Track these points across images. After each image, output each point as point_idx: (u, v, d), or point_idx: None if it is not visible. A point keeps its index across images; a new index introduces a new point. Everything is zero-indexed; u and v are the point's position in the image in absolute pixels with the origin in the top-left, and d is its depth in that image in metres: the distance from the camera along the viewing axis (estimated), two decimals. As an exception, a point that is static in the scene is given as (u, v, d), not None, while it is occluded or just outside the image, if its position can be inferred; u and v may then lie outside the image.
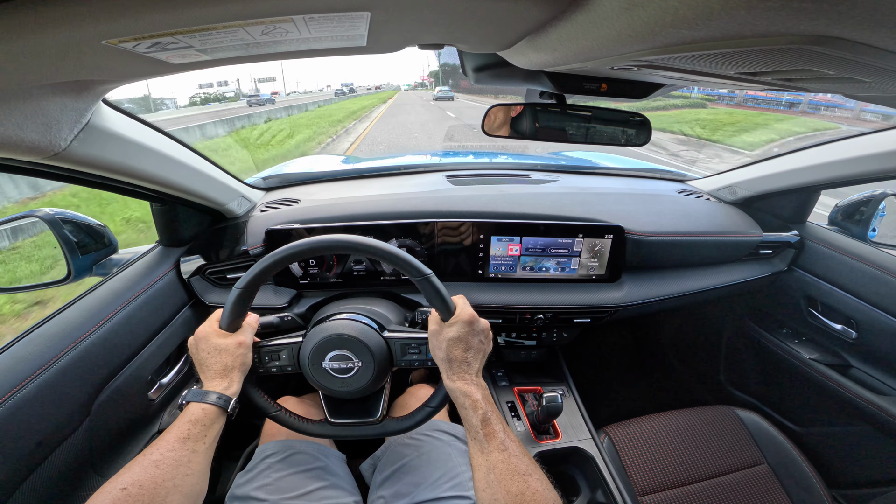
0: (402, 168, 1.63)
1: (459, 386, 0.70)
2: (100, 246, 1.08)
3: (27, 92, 0.52)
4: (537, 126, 0.93)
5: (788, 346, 1.42)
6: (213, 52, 0.49)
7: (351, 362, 0.79)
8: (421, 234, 1.15)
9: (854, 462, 1.31)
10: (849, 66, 0.35)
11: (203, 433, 0.64)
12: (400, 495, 0.85)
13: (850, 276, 1.25)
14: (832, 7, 0.24)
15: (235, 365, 0.73)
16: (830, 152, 1.18)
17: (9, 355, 0.74)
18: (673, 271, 1.30)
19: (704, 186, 1.55)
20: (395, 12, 0.44)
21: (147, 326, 1.00)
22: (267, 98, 44.64)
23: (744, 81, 0.57)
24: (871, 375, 1.23)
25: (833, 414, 1.35)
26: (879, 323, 1.17)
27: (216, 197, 1.12)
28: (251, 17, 0.40)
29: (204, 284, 1.16)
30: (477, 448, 0.66)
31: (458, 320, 0.73)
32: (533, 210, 1.22)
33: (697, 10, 0.28)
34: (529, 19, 0.46)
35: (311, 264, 1.14)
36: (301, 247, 0.75)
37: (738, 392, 1.69)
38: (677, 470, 1.10)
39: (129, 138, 0.77)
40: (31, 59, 0.43)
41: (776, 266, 1.39)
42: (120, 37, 0.40)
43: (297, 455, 0.90)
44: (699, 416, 1.23)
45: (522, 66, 0.67)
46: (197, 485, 0.61)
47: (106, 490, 0.54)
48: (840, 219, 1.37)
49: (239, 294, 0.74)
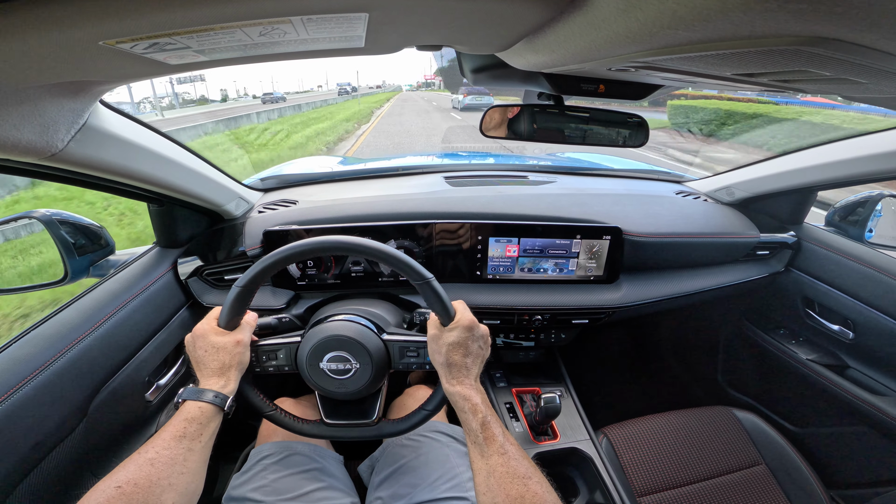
0: (400, 169, 1.62)
1: (459, 390, 0.70)
2: (97, 247, 1.08)
3: (24, 92, 0.52)
4: (535, 127, 0.94)
5: (786, 346, 1.42)
6: (211, 52, 0.49)
7: (349, 363, 0.79)
8: (419, 236, 1.15)
9: (852, 462, 1.31)
10: (845, 67, 0.35)
11: (199, 431, 0.64)
12: (398, 496, 0.84)
13: (847, 276, 1.25)
14: (828, 8, 0.24)
15: (233, 363, 0.73)
16: (827, 153, 1.18)
17: (5, 356, 0.74)
18: (671, 272, 1.31)
19: (702, 187, 1.56)
20: (393, 13, 0.44)
21: (144, 328, 1.00)
22: (279, 96, 44.64)
23: (740, 83, 0.57)
24: (868, 376, 1.23)
25: (830, 414, 1.35)
26: (876, 323, 1.18)
27: (214, 198, 1.11)
28: (249, 18, 0.40)
29: (201, 286, 1.15)
30: (477, 452, 0.66)
31: (459, 325, 0.73)
32: (531, 211, 1.22)
33: (695, 11, 0.28)
34: (527, 21, 0.46)
35: (309, 265, 1.14)
36: (303, 247, 0.75)
37: (735, 393, 1.70)
38: (675, 470, 1.10)
39: (127, 139, 0.77)
40: (28, 60, 0.43)
41: (773, 267, 1.39)
42: (118, 38, 0.40)
43: (294, 456, 0.89)
44: (697, 416, 1.24)
45: (520, 67, 0.67)
46: (192, 483, 0.61)
47: (100, 488, 0.53)
48: (837, 220, 1.38)
49: (239, 292, 0.74)
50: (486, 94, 20.71)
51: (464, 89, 22.57)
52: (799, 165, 1.25)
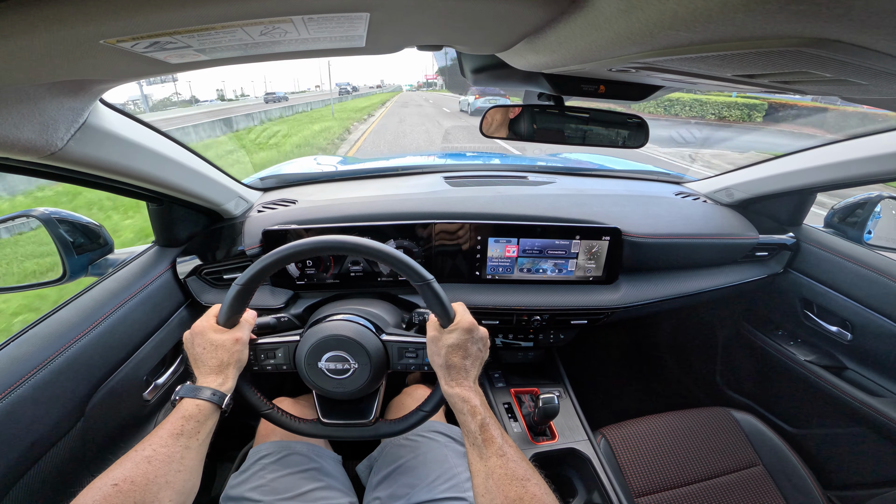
0: (399, 169, 1.62)
1: (458, 392, 0.70)
2: (95, 246, 1.08)
3: (24, 91, 0.52)
4: (535, 128, 0.94)
5: (784, 347, 1.42)
6: (212, 52, 0.49)
7: (347, 363, 0.79)
8: (418, 236, 1.15)
9: (849, 463, 1.32)
10: (846, 68, 0.35)
11: (196, 429, 0.64)
12: (396, 496, 0.84)
13: (845, 278, 1.26)
14: (829, 10, 0.24)
15: (231, 361, 0.73)
16: (827, 155, 1.18)
17: (3, 355, 0.74)
18: (670, 273, 1.31)
19: (701, 188, 1.56)
20: (394, 13, 0.44)
21: (143, 327, 1.00)
22: (282, 96, 44.51)
23: (741, 84, 0.57)
24: (866, 377, 1.24)
25: (828, 415, 1.36)
26: (874, 325, 1.18)
27: (213, 197, 1.11)
28: (250, 18, 0.40)
29: (200, 285, 1.15)
30: (475, 454, 0.66)
31: (459, 327, 0.73)
32: (530, 212, 1.22)
33: (695, 12, 0.28)
34: (528, 21, 0.46)
35: (308, 265, 1.14)
36: (302, 246, 0.75)
37: (733, 393, 1.70)
38: (673, 471, 1.11)
39: (126, 138, 0.77)
40: (28, 58, 0.43)
41: (772, 268, 1.40)
42: (118, 36, 0.40)
43: (292, 456, 0.89)
44: (695, 417, 1.24)
45: (521, 67, 0.67)
46: (189, 481, 0.60)
47: (96, 486, 0.53)
48: (836, 221, 1.38)
49: (238, 291, 0.74)
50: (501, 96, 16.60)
51: (475, 90, 19.95)
52: (798, 167, 1.25)
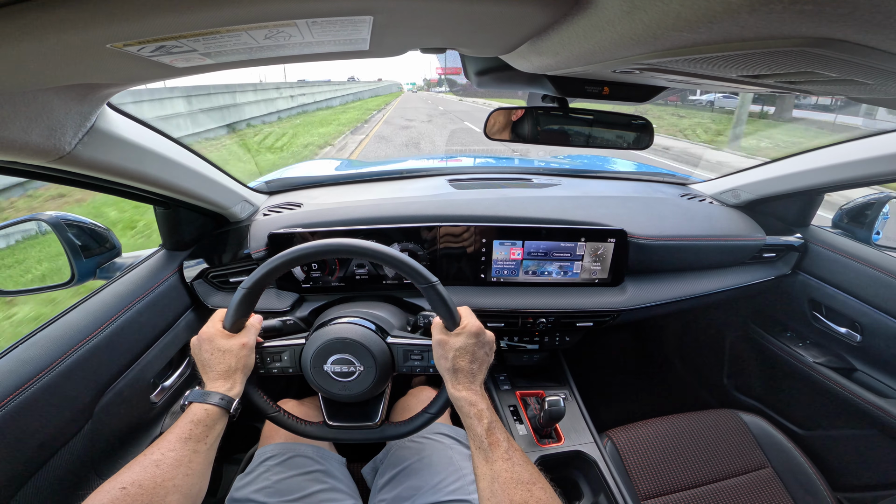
0: (404, 172, 1.63)
1: (464, 395, 0.70)
2: (103, 249, 1.09)
3: (32, 95, 0.53)
4: (539, 130, 0.93)
5: (792, 349, 1.41)
6: (217, 55, 0.49)
7: (353, 366, 0.79)
8: (423, 239, 1.15)
9: (859, 465, 1.30)
10: (852, 68, 0.35)
11: (205, 434, 0.64)
12: (401, 499, 0.84)
13: (854, 279, 1.24)
14: (834, 9, 0.24)
15: (239, 367, 0.73)
16: (834, 155, 1.17)
17: (12, 358, 0.74)
18: (676, 275, 1.30)
19: (707, 190, 1.55)
20: (397, 17, 0.44)
21: (150, 330, 1.00)
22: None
23: (746, 84, 0.57)
24: (875, 378, 1.22)
25: (838, 417, 1.34)
26: (884, 326, 1.17)
27: (219, 201, 1.12)
28: (254, 22, 0.40)
29: (207, 288, 1.16)
30: (481, 457, 0.65)
31: (465, 331, 0.73)
32: (535, 214, 1.22)
33: (699, 12, 0.28)
34: (531, 23, 0.46)
35: (314, 268, 1.14)
36: (308, 249, 0.75)
37: (741, 396, 1.68)
38: (680, 474, 1.10)
39: (134, 142, 0.77)
40: (36, 63, 0.44)
41: (780, 269, 1.38)
42: (125, 40, 0.40)
43: (297, 458, 0.90)
44: (703, 419, 1.23)
45: (524, 69, 0.67)
46: (197, 485, 0.61)
47: (105, 489, 0.53)
48: (844, 222, 1.37)
49: (244, 294, 0.75)
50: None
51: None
52: (805, 167, 1.24)
